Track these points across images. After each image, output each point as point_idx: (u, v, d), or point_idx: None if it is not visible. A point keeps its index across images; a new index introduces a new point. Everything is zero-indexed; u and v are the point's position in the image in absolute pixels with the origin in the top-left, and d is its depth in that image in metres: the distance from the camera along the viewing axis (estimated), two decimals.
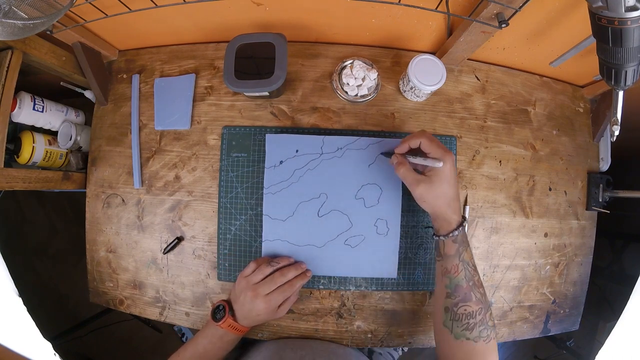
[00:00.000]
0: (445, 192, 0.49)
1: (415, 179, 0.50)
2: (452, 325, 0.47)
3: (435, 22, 0.55)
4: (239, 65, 0.54)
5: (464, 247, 0.49)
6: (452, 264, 0.48)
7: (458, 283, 0.48)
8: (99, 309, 1.27)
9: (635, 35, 0.34)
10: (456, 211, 0.49)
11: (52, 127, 0.68)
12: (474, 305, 0.47)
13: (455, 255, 0.48)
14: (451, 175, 0.48)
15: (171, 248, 0.61)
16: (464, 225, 0.49)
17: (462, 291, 0.47)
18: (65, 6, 0.41)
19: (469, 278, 0.48)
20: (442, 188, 0.48)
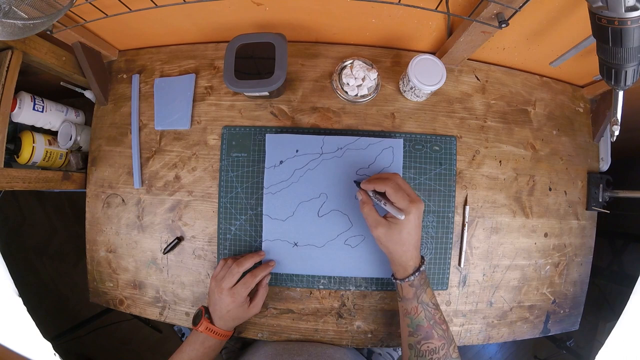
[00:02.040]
0: (404, 240, 0.49)
1: (375, 220, 0.50)
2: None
3: (435, 22, 0.55)
4: (239, 65, 0.54)
5: (423, 289, 0.49)
6: (411, 306, 0.49)
7: (419, 323, 0.49)
8: (99, 309, 1.27)
9: (635, 35, 0.34)
10: (413, 257, 0.49)
11: (52, 127, 0.68)
12: (436, 341, 0.48)
13: (413, 298, 0.49)
14: (413, 225, 0.48)
15: (171, 248, 0.61)
16: (421, 270, 0.49)
17: (423, 330, 0.48)
18: (65, 6, 0.41)
19: (430, 317, 0.48)
20: (401, 236, 0.48)
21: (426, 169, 0.60)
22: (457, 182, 0.61)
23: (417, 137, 0.61)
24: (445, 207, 0.60)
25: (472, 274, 0.61)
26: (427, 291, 0.50)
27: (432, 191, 0.60)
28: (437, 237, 0.60)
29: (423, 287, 0.49)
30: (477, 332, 0.62)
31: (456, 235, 0.61)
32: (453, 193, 0.60)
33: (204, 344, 0.54)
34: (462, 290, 0.61)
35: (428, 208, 0.60)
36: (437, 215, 0.60)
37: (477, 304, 0.62)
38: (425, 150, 0.60)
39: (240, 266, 0.55)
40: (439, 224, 0.60)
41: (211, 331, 0.54)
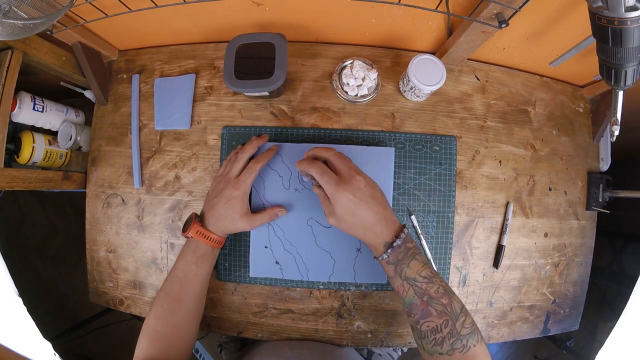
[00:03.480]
0: (354, 223, 0.46)
1: (327, 209, 0.49)
2: (422, 343, 0.44)
3: (435, 22, 0.55)
4: (239, 65, 0.54)
5: (404, 263, 0.45)
6: (397, 284, 0.46)
7: (411, 301, 0.44)
8: (99, 309, 1.27)
9: (635, 35, 0.34)
10: (378, 235, 0.46)
11: (52, 127, 0.68)
12: (436, 319, 0.43)
13: (395, 275, 0.45)
14: (353, 206, 0.45)
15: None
16: (394, 245, 0.45)
17: (417, 308, 0.44)
18: (65, 6, 0.41)
19: (422, 293, 0.44)
20: (350, 220, 0.46)
21: (426, 169, 0.60)
22: (457, 182, 0.61)
23: (417, 137, 0.61)
24: (445, 207, 0.60)
25: (472, 274, 0.61)
26: (411, 265, 0.45)
27: (432, 191, 0.60)
28: (437, 237, 0.60)
29: (404, 262, 0.45)
30: None
31: (456, 235, 0.61)
32: (453, 193, 0.60)
33: (196, 252, 0.51)
34: (462, 290, 0.61)
35: (428, 208, 0.60)
36: (437, 215, 0.60)
37: (477, 304, 0.62)
38: (425, 150, 0.60)
39: (244, 152, 0.54)
40: (439, 224, 0.60)
41: (202, 235, 0.51)
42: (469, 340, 0.42)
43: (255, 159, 0.54)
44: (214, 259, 0.54)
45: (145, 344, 0.49)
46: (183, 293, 0.51)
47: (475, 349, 0.42)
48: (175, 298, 0.50)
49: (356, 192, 0.45)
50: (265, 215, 0.55)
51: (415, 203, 0.60)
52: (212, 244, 0.52)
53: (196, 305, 0.53)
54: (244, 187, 0.52)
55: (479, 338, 0.43)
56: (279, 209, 0.56)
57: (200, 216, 0.53)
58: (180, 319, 0.51)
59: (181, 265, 0.51)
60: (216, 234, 0.52)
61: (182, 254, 0.52)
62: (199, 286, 0.52)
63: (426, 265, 0.46)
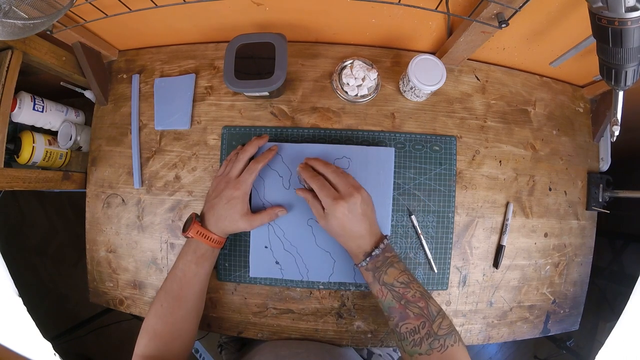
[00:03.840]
0: (341, 233, 0.49)
1: (317, 212, 0.50)
2: (402, 345, 0.46)
3: (435, 22, 0.55)
4: (239, 65, 0.54)
5: (382, 270, 0.47)
6: (375, 289, 0.48)
7: (389, 305, 0.47)
8: (99, 309, 1.27)
9: (635, 35, 0.34)
10: (359, 245, 0.49)
11: (52, 127, 0.68)
12: (413, 321, 0.45)
13: (374, 281, 0.48)
14: (345, 220, 0.47)
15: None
16: (372, 254, 0.48)
17: (396, 312, 0.46)
18: (65, 6, 0.41)
19: (399, 298, 0.46)
20: (338, 229, 0.48)
21: (426, 169, 0.60)
22: (457, 182, 0.61)
23: (417, 137, 0.61)
24: (445, 207, 0.60)
25: (472, 274, 0.61)
26: (389, 272, 0.47)
27: (432, 191, 0.60)
28: (437, 237, 0.60)
29: (382, 269, 0.47)
30: (477, 332, 0.62)
31: (456, 235, 0.61)
32: (453, 193, 0.60)
33: (196, 252, 0.51)
34: (462, 290, 0.61)
35: (428, 208, 0.60)
36: (437, 215, 0.60)
37: (477, 304, 0.62)
38: (425, 150, 0.60)
39: (244, 153, 0.54)
40: (439, 224, 0.60)
41: (202, 235, 0.51)
42: (446, 340, 0.44)
43: (256, 160, 0.54)
44: (214, 258, 0.54)
45: (144, 343, 0.49)
46: (183, 292, 0.51)
47: (453, 349, 0.44)
48: (175, 297, 0.51)
49: (352, 208, 0.48)
50: (266, 215, 0.55)
51: (415, 203, 0.60)
52: (212, 244, 0.52)
53: (196, 304, 0.53)
54: (244, 188, 0.52)
55: (456, 338, 0.45)
56: (279, 209, 0.56)
57: (201, 216, 0.53)
58: (179, 318, 0.51)
59: (181, 265, 0.52)
60: (216, 234, 0.52)
61: (182, 254, 0.52)
62: (198, 286, 0.52)
63: (404, 272, 0.48)
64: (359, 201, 0.48)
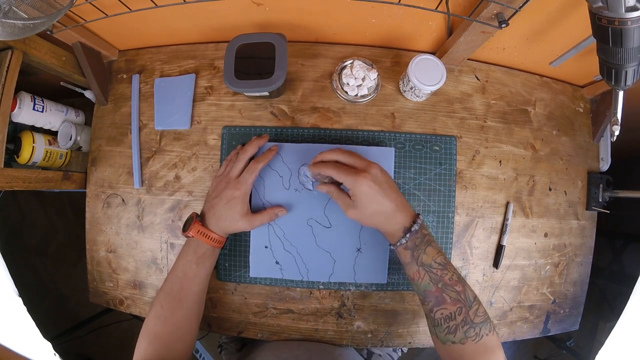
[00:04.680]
0: (375, 211, 0.47)
1: (344, 203, 0.49)
2: (436, 331, 0.45)
3: (435, 22, 0.55)
4: (239, 65, 0.54)
5: (421, 249, 0.45)
6: (412, 271, 0.46)
7: (426, 288, 0.45)
8: (99, 309, 1.27)
9: (635, 35, 0.34)
10: (397, 222, 0.46)
11: (52, 127, 0.68)
12: (450, 306, 0.43)
13: (412, 261, 0.46)
14: (372, 195, 0.46)
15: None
16: (412, 230, 0.46)
17: (432, 295, 0.45)
18: (65, 6, 0.41)
19: (436, 280, 0.44)
20: (371, 208, 0.46)
21: (426, 169, 0.60)
22: (457, 182, 0.61)
23: (417, 137, 0.61)
24: (445, 207, 0.60)
25: (472, 274, 0.61)
26: (427, 251, 0.45)
27: (432, 191, 0.60)
28: (437, 237, 0.60)
29: (421, 247, 0.45)
30: None
31: (456, 235, 0.61)
32: (453, 193, 0.60)
33: (197, 252, 0.51)
34: None
35: (428, 208, 0.60)
36: (437, 215, 0.60)
37: None
38: (425, 150, 0.60)
39: (245, 153, 0.54)
40: (439, 224, 0.60)
41: (203, 235, 0.51)
42: (481, 329, 0.43)
43: (256, 159, 0.54)
44: (214, 258, 0.54)
45: (144, 346, 0.48)
46: (183, 293, 0.51)
47: (488, 338, 0.43)
48: (175, 298, 0.50)
49: (375, 179, 0.46)
50: (266, 215, 0.55)
51: (415, 203, 0.60)
52: (212, 243, 0.52)
53: (196, 305, 0.53)
54: (244, 188, 0.52)
55: (491, 327, 0.44)
56: (279, 209, 0.56)
57: (201, 216, 0.53)
58: (180, 319, 0.50)
59: (181, 265, 0.51)
60: (217, 233, 0.52)
61: (183, 254, 0.52)
62: (199, 286, 0.52)
63: (440, 252, 0.46)
64: (378, 172, 0.47)
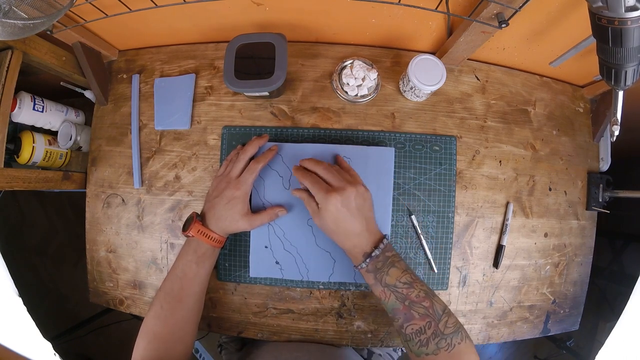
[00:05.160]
0: (337, 230, 0.48)
1: (312, 210, 0.50)
2: (409, 346, 0.45)
3: (435, 22, 0.55)
4: (239, 65, 0.54)
5: (383, 271, 0.46)
6: (378, 291, 0.47)
7: (393, 307, 0.46)
8: (99, 309, 1.27)
9: (635, 35, 0.34)
10: (358, 245, 0.47)
11: (52, 127, 0.68)
12: (419, 321, 0.44)
13: (375, 283, 0.47)
14: (338, 215, 0.46)
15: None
16: (372, 255, 0.46)
17: (400, 313, 0.45)
18: (65, 6, 0.41)
19: (403, 298, 0.45)
20: (333, 226, 0.47)
21: (426, 169, 0.60)
22: (457, 182, 0.61)
23: (417, 137, 0.61)
24: (445, 207, 0.60)
25: (472, 274, 0.61)
26: (390, 272, 0.46)
27: (432, 191, 0.60)
28: (437, 237, 0.60)
29: (383, 270, 0.46)
30: (477, 332, 0.62)
31: (456, 235, 0.61)
32: (453, 193, 0.60)
33: (197, 251, 0.51)
34: (462, 290, 0.61)
35: (428, 208, 0.60)
36: (437, 215, 0.60)
37: (477, 304, 0.62)
38: (425, 150, 0.60)
39: (245, 153, 0.54)
40: (438, 224, 0.60)
41: (203, 234, 0.51)
42: (453, 339, 0.43)
43: (256, 160, 0.54)
44: (214, 258, 0.54)
45: (143, 345, 0.48)
46: (183, 293, 0.51)
47: (460, 346, 0.43)
48: (175, 298, 0.50)
49: (345, 202, 0.47)
50: (266, 215, 0.55)
51: (415, 203, 0.60)
52: (213, 243, 0.52)
53: (196, 305, 0.53)
54: (244, 188, 0.52)
55: (463, 336, 0.44)
56: (279, 209, 0.56)
57: (201, 215, 0.53)
58: (180, 319, 0.50)
59: (181, 265, 0.51)
60: (217, 233, 0.52)
61: (182, 254, 0.52)
62: (199, 286, 0.52)
63: (406, 271, 0.47)
64: (352, 195, 0.47)
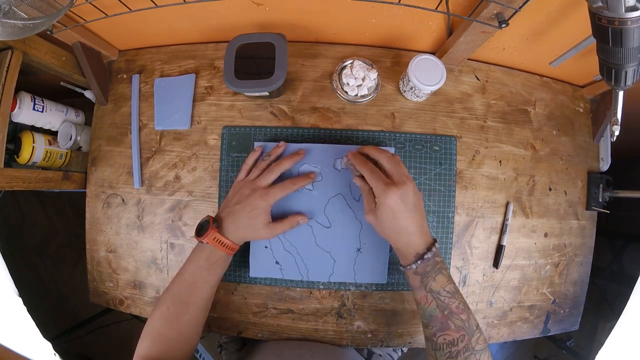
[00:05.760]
0: (393, 227, 0.46)
1: (368, 206, 0.48)
2: (436, 355, 0.44)
3: (435, 22, 0.55)
4: (239, 65, 0.54)
5: (431, 276, 0.45)
6: (420, 295, 0.46)
7: (432, 313, 0.45)
8: (99, 309, 1.27)
9: (635, 35, 0.34)
10: (411, 245, 0.46)
11: (52, 127, 0.68)
12: (453, 333, 0.43)
13: (420, 286, 0.46)
14: (397, 210, 0.45)
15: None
16: (425, 257, 0.45)
17: (437, 321, 0.45)
18: (65, 6, 0.41)
19: (443, 307, 0.44)
20: (389, 223, 0.46)
21: (426, 169, 0.60)
22: (457, 182, 0.61)
23: (417, 137, 0.61)
24: (445, 207, 0.60)
25: (472, 274, 0.61)
26: (437, 278, 0.45)
27: (432, 191, 0.60)
28: (437, 237, 0.60)
29: (431, 275, 0.45)
30: None
31: (456, 235, 0.61)
32: (453, 193, 0.60)
33: (209, 258, 0.49)
34: (462, 290, 0.61)
35: (428, 208, 0.60)
36: (437, 215, 0.60)
37: (477, 304, 0.62)
38: (425, 150, 0.60)
39: (280, 165, 0.52)
40: (439, 224, 0.60)
41: (218, 242, 0.49)
42: (481, 356, 0.43)
43: (293, 181, 0.53)
44: (226, 265, 0.52)
45: (147, 344, 0.48)
46: (191, 298, 0.50)
47: None
48: (182, 302, 0.49)
49: (404, 197, 0.45)
50: (287, 223, 0.53)
51: None
52: (227, 251, 0.50)
53: (203, 311, 0.52)
54: (271, 201, 0.50)
55: (489, 355, 0.44)
56: (300, 216, 0.55)
57: (217, 221, 0.51)
58: (185, 322, 0.50)
59: (192, 270, 0.50)
60: (234, 241, 0.50)
61: (194, 258, 0.50)
62: (208, 292, 0.51)
63: (451, 280, 0.46)
64: (411, 190, 0.46)
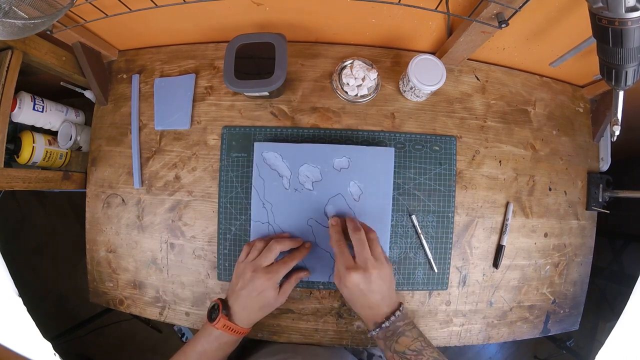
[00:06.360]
0: (352, 301, 0.49)
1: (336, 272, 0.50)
2: None
3: (435, 22, 0.55)
4: (239, 65, 0.54)
5: (393, 340, 0.47)
6: (387, 355, 0.48)
7: None
8: (99, 309, 1.27)
9: (635, 35, 0.34)
10: (371, 316, 0.49)
11: (52, 127, 0.68)
12: None
13: (385, 349, 0.48)
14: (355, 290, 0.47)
15: None
16: (382, 326, 0.47)
17: None
18: (65, 6, 0.41)
19: None
20: (348, 297, 0.49)
21: (426, 169, 0.60)
22: (457, 182, 0.61)
23: (417, 137, 0.61)
24: (445, 207, 0.60)
25: (472, 274, 0.61)
26: (400, 341, 0.47)
27: (432, 191, 0.60)
28: (437, 237, 0.60)
29: (393, 338, 0.47)
30: (477, 332, 0.62)
31: (456, 235, 0.61)
32: (453, 193, 0.60)
33: (220, 339, 0.50)
34: (462, 290, 0.61)
35: (428, 208, 0.60)
36: (437, 215, 0.60)
37: (477, 304, 0.62)
38: (425, 150, 0.60)
39: (279, 244, 0.53)
40: (439, 224, 0.60)
41: (229, 329, 0.50)
42: None
43: (292, 256, 0.54)
44: (236, 344, 0.53)
45: None
46: None
47: None
48: None
49: (364, 282, 0.47)
50: (293, 281, 0.55)
51: (415, 203, 0.60)
52: (238, 335, 0.51)
53: None
54: (275, 278, 0.51)
55: None
56: (303, 272, 0.57)
57: (226, 307, 0.51)
58: None
59: (202, 342, 0.51)
60: (242, 325, 0.51)
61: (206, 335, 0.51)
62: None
63: (417, 339, 0.47)
64: (373, 277, 0.47)
